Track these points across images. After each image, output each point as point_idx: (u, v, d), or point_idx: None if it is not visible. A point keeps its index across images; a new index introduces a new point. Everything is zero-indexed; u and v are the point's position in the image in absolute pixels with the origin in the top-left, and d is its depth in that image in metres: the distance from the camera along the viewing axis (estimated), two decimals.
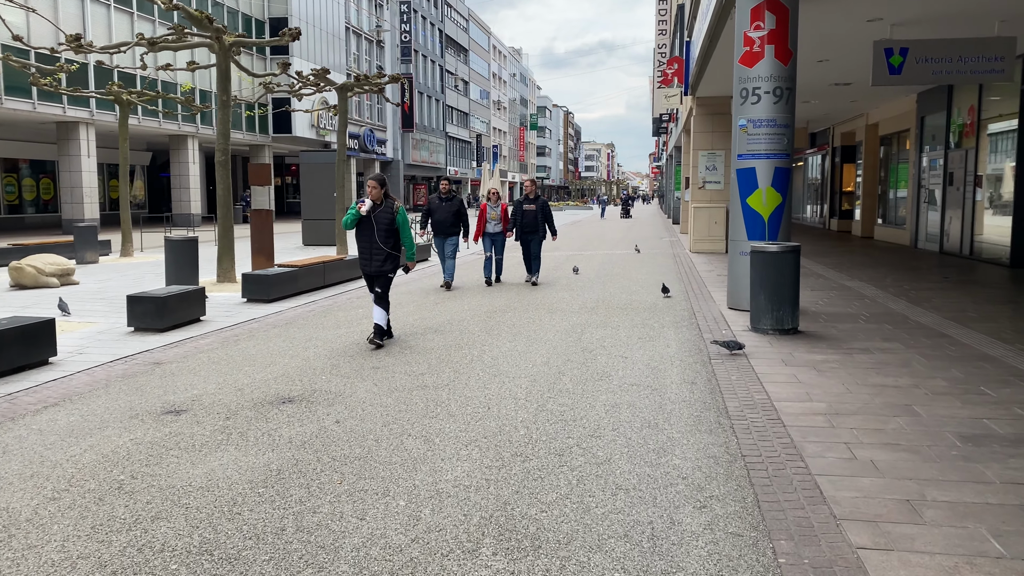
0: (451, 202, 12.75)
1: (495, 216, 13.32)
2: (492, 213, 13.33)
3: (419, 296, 11.67)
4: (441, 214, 12.70)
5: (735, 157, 9.93)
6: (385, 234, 8.20)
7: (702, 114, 20.15)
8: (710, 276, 14.18)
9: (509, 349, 7.78)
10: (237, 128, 39.84)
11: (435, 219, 12.79)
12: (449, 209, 12.69)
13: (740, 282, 9.93)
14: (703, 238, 19.98)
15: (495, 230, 13.35)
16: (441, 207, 12.75)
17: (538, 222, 13.26)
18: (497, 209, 13.38)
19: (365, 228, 8.20)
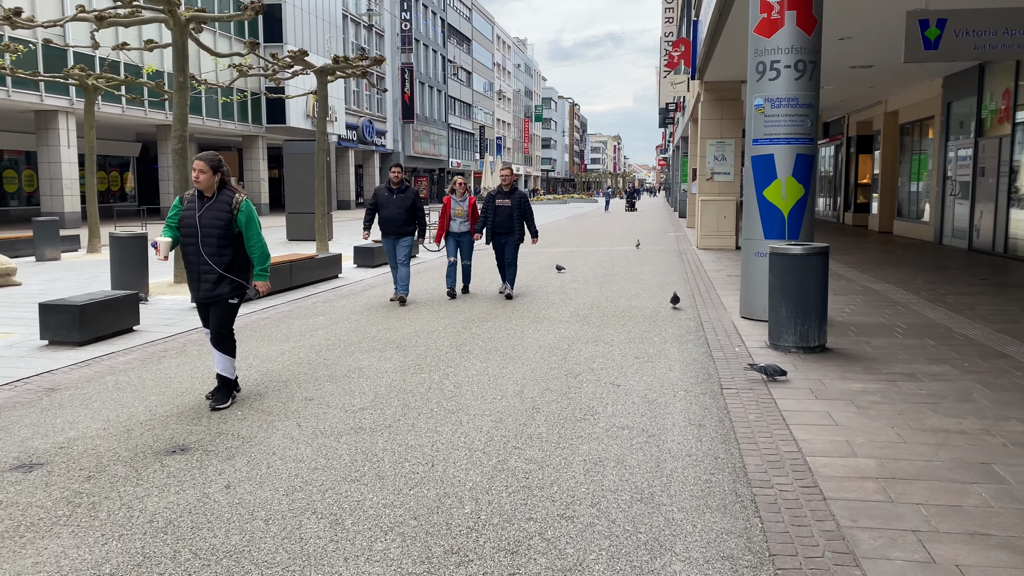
0: (403, 194, 10.32)
1: (461, 212, 10.92)
2: (457, 209, 10.94)
3: (365, 314, 10.33)
4: (390, 209, 10.31)
5: (749, 142, 8.57)
6: (216, 243, 5.47)
7: (710, 100, 18.76)
8: (719, 277, 12.81)
9: (479, 372, 6.45)
10: (229, 118, 38.56)
11: (383, 215, 10.39)
12: (401, 203, 10.30)
13: (755, 287, 8.58)
14: (711, 234, 18.61)
15: (461, 229, 10.97)
16: (391, 201, 10.35)
17: (514, 220, 10.77)
18: (464, 204, 10.94)
19: (188, 233, 5.54)
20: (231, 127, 38.89)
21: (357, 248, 15.48)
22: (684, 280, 12.60)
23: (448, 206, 10.96)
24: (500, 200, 10.88)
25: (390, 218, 10.35)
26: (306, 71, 16.65)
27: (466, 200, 11.00)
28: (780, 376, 5.88)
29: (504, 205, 10.84)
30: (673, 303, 9.80)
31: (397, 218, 10.30)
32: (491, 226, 10.87)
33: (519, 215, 10.80)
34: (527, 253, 17.99)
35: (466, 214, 10.97)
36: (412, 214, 10.37)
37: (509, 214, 10.79)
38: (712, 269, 13.99)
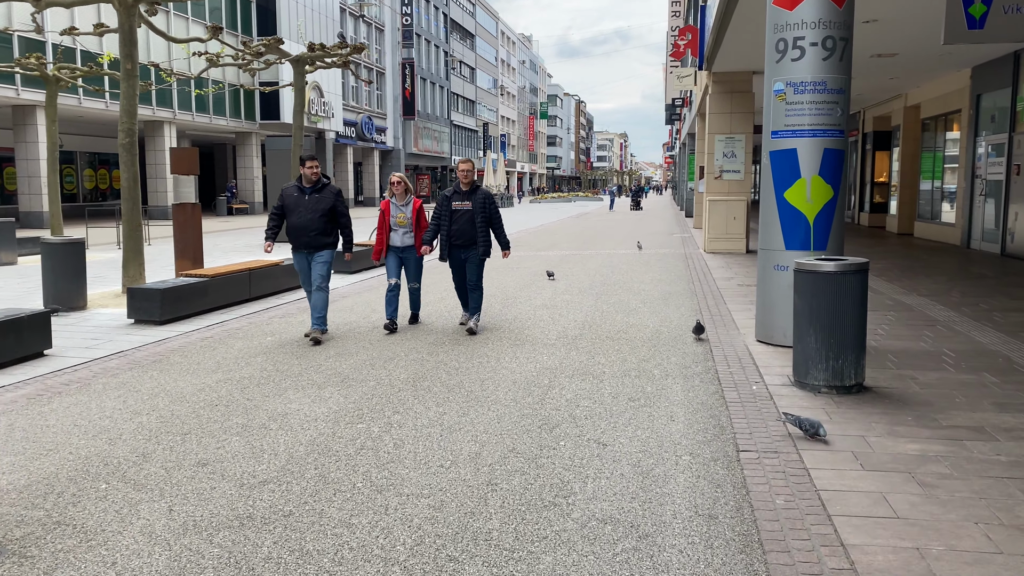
0: (320, 195, 7.89)
1: (403, 221, 8.40)
2: (398, 216, 8.41)
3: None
4: (301, 215, 7.82)
5: (767, 135, 7.25)
6: None
7: (719, 92, 17.41)
8: (729, 287, 11.48)
9: (431, 421, 5.15)
10: (221, 114, 37.34)
11: (292, 223, 7.88)
12: (315, 206, 7.84)
13: (774, 306, 7.25)
14: (719, 236, 17.26)
15: (404, 242, 8.46)
16: (301, 203, 7.86)
17: (476, 229, 8.22)
18: (407, 209, 8.43)
19: None
20: (223, 123, 37.66)
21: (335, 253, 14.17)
22: (690, 291, 11.27)
23: (386, 213, 8.50)
24: (458, 202, 8.29)
25: (301, 226, 7.86)
26: (280, 60, 15.37)
27: (409, 204, 8.47)
28: (815, 434, 4.57)
29: (463, 209, 8.26)
30: (697, 334, 7.73)
31: (310, 226, 7.84)
32: (446, 236, 8.33)
33: (483, 221, 8.25)
34: (517, 259, 16.67)
35: (410, 223, 8.45)
36: (331, 220, 7.98)
37: (470, 220, 8.24)
38: (721, 277, 12.66)
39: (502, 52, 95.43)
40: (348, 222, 8.21)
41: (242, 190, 40.69)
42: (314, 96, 42.86)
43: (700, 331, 7.65)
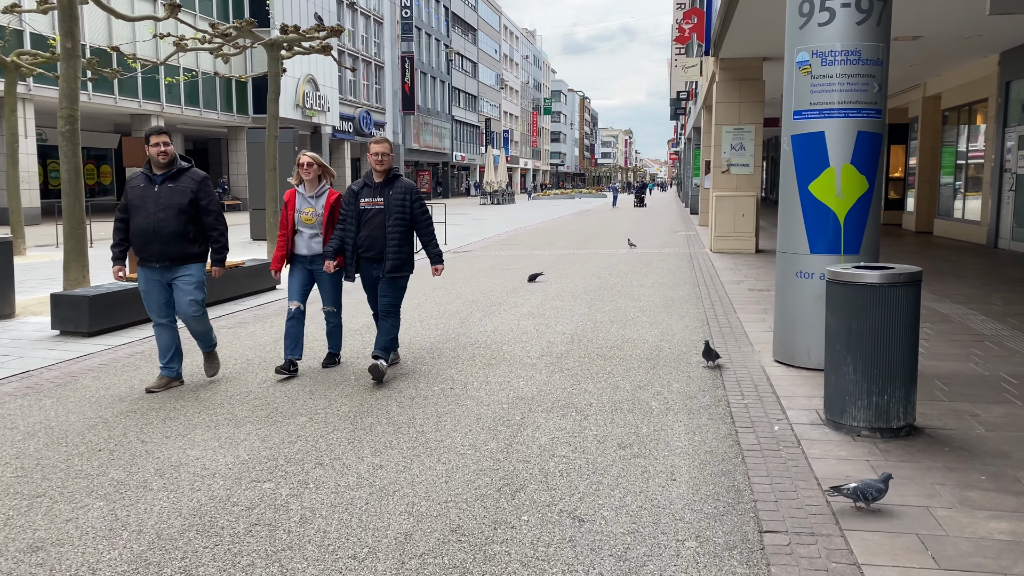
0: (175, 184, 5.63)
1: (311, 219, 6.17)
2: (305, 212, 6.18)
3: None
4: (147, 215, 5.61)
5: (788, 116, 6.07)
6: None
7: (726, 80, 16.20)
8: (739, 292, 10.29)
9: (357, 481, 3.98)
10: (211, 108, 36.22)
11: (135, 226, 5.67)
12: (168, 200, 5.60)
13: (796, 320, 6.07)
14: (727, 234, 16.07)
15: (314, 250, 6.20)
16: (149, 198, 5.61)
17: (387, 235, 5.96)
18: (319, 203, 6.23)
19: None
20: (213, 117, 36.54)
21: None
22: (695, 296, 10.08)
23: (290, 206, 6.22)
24: (368, 199, 6.02)
25: (147, 230, 5.58)
26: (253, 44, 14.20)
27: (323, 197, 6.27)
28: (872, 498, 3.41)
29: (373, 208, 5.98)
30: (708, 359, 6.21)
31: (161, 228, 5.55)
32: (353, 245, 6.03)
33: (400, 225, 5.95)
34: (509, 259, 15.50)
35: (320, 222, 6.21)
36: (191, 221, 5.68)
37: (382, 224, 5.95)
38: (730, 280, 11.47)
39: (505, 47, 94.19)
40: (218, 221, 5.79)
41: (234, 186, 39.58)
42: (309, 89, 41.74)
43: (711, 356, 6.23)
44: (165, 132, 5.67)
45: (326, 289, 6.35)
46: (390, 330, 6.05)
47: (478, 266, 14.01)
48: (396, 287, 6.09)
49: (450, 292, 10.71)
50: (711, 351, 6.20)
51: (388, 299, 6.09)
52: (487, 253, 16.59)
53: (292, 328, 6.20)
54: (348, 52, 50.50)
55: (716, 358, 6.18)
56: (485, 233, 22.81)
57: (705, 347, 6.25)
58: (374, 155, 6.02)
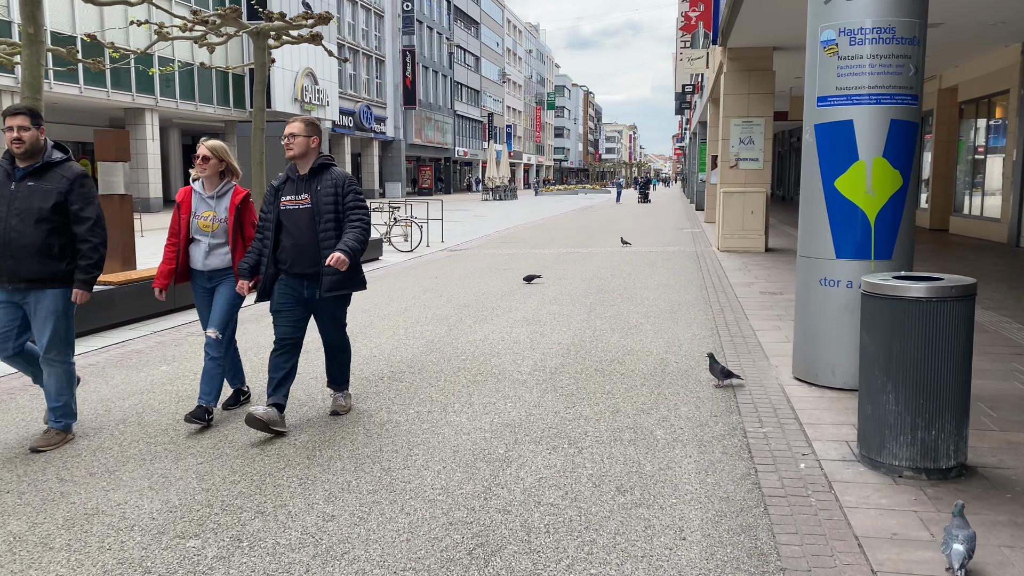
0: (38, 184, 4.34)
1: (210, 224, 4.88)
2: (202, 217, 4.89)
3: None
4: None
5: (811, 103, 5.38)
6: None
7: (735, 71, 15.49)
8: (750, 295, 9.60)
9: (299, 539, 3.32)
10: (207, 101, 35.56)
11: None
12: (27, 202, 4.30)
13: (820, 335, 5.38)
14: (735, 232, 15.37)
15: (211, 264, 4.91)
16: (3, 200, 4.34)
17: (318, 241, 4.62)
18: (220, 204, 4.91)
19: None
20: (209, 111, 35.87)
21: None
22: (703, 300, 9.40)
23: (183, 208, 4.90)
24: (290, 197, 4.66)
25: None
26: (238, 32, 13.52)
27: (226, 196, 4.89)
28: None
29: (298, 208, 4.63)
30: (719, 377, 5.46)
31: (15, 241, 4.27)
32: (272, 257, 4.69)
33: (336, 227, 4.64)
34: (507, 258, 14.82)
35: (224, 228, 4.87)
36: (58, 232, 4.36)
37: (310, 226, 4.61)
38: (740, 282, 10.77)
39: (508, 41, 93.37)
40: (92, 233, 4.39)
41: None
42: (308, 83, 41.07)
43: (724, 375, 5.49)
44: (25, 112, 4.28)
45: (217, 306, 4.83)
46: (345, 362, 5.03)
47: (474, 266, 13.34)
48: (338, 309, 4.84)
49: (441, 295, 10.04)
50: (723, 369, 5.50)
51: (333, 327, 4.86)
52: (485, 252, 15.93)
53: (211, 367, 4.79)
54: (348, 45, 49.80)
55: (728, 376, 5.49)
56: (484, 230, 22.13)
57: (711, 361, 5.56)
58: (288, 138, 4.59)
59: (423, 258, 14.80)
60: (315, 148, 4.68)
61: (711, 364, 5.55)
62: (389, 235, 16.43)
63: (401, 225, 16.86)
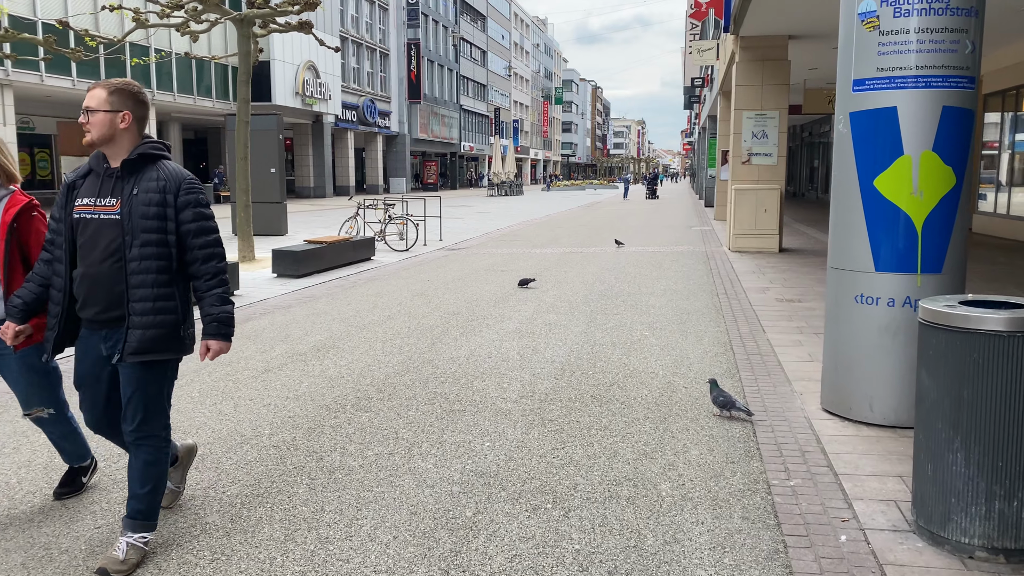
0: None
1: None
2: None
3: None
4: None
5: (845, 87, 4.56)
6: None
7: (748, 60, 14.63)
8: (766, 302, 8.78)
9: None
10: (206, 95, 34.84)
11: None
12: None
13: (855, 361, 4.56)
14: (747, 231, 14.53)
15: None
16: None
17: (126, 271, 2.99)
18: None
19: None
20: (208, 105, 35.15)
21: (278, 252, 11.61)
22: (714, 308, 8.58)
23: None
24: (89, 201, 3.06)
25: None
26: (221, 19, 12.73)
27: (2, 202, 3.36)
28: None
29: (99, 218, 3.03)
30: (723, 408, 4.73)
31: None
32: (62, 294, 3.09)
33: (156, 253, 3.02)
34: (506, 258, 14.01)
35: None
36: None
37: (113, 251, 3.00)
38: (754, 287, 9.95)
39: (515, 35, 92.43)
40: None
41: (230, 177, 38.19)
42: (309, 76, 40.32)
43: (727, 405, 4.70)
44: None
45: (17, 380, 3.44)
46: (148, 472, 3.07)
47: (470, 267, 12.54)
48: (150, 381, 3.06)
49: (430, 300, 9.25)
50: (726, 401, 4.69)
51: (135, 408, 3.04)
52: (484, 251, 15.14)
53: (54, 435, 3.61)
54: (351, 38, 49.03)
55: (730, 408, 4.69)
56: (486, 228, 21.33)
57: (712, 389, 4.77)
58: (86, 113, 3.02)
59: (418, 258, 14.02)
60: (127, 129, 3.03)
61: (713, 392, 4.75)
62: (384, 233, 15.65)
63: (396, 223, 16.08)
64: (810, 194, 40.39)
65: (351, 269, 12.47)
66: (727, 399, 4.72)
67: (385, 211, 15.84)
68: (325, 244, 12.32)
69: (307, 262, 11.68)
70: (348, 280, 11.25)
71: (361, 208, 16.16)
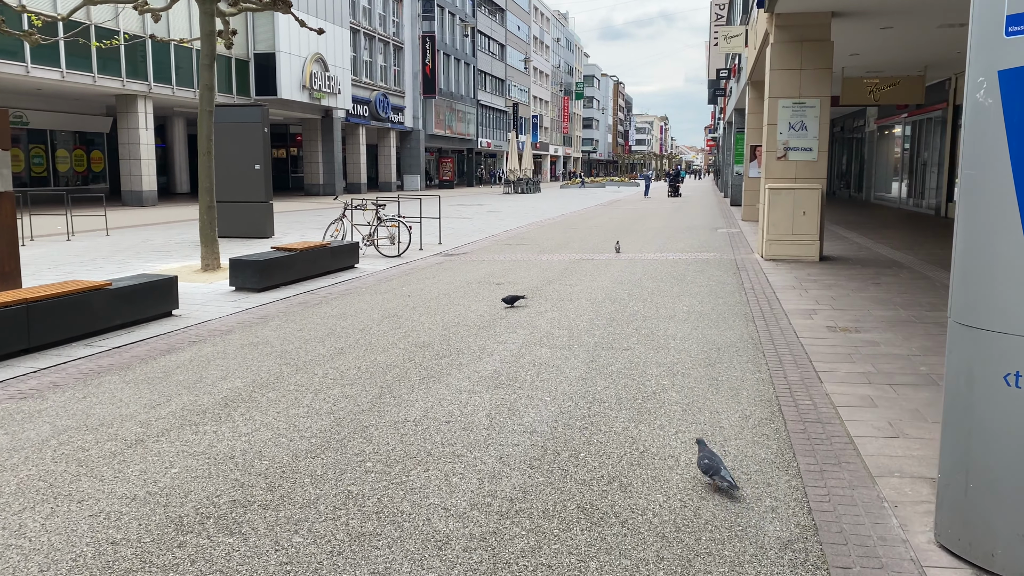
0: None
1: None
2: None
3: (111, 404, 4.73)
4: None
5: (985, 36, 2.76)
6: None
7: (784, 41, 12.79)
8: (815, 332, 6.99)
9: None
10: None
11: None
12: None
13: (1000, 478, 2.78)
14: (783, 237, 12.70)
15: None
16: None
17: None
18: None
19: None
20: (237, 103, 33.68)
21: (236, 261, 9.96)
22: (751, 340, 6.80)
23: None
24: None
25: None
26: None
27: None
28: None
29: None
30: (705, 472, 3.60)
31: None
32: None
33: None
34: (508, 266, 12.26)
35: None
36: None
37: None
38: (797, 309, 8.15)
39: (535, 28, 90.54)
40: None
41: None
42: (317, 69, 38.78)
43: (709, 471, 3.50)
44: None
45: None
46: None
47: (462, 278, 10.83)
48: None
49: (400, 325, 7.56)
50: (712, 462, 3.39)
51: None
52: (484, 257, 13.43)
53: None
54: (363, 31, 47.46)
55: (714, 475, 3.29)
56: (493, 229, 19.60)
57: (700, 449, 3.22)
58: None
59: (409, 265, 12.34)
60: None
61: (700, 453, 3.20)
62: (373, 238, 13.99)
63: (387, 226, 14.40)
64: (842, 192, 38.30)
65: (328, 280, 10.82)
66: (712, 463, 3.45)
67: (375, 212, 14.16)
68: (295, 251, 10.67)
69: (271, 273, 10.03)
70: (317, 295, 9.59)
71: (348, 209, 14.49)
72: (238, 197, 16.93)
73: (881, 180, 30.20)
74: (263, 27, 35.82)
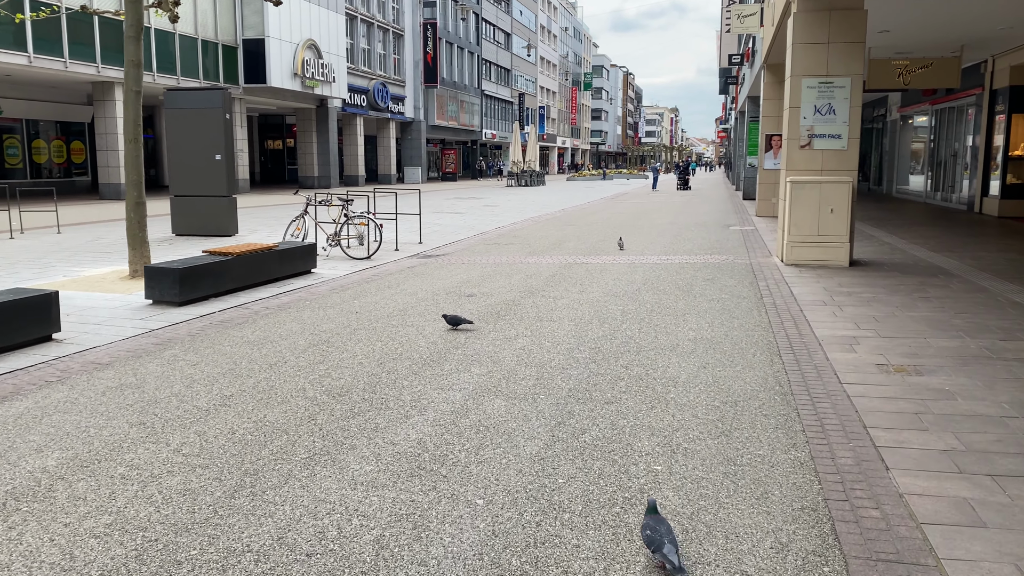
0: None
1: None
2: None
3: None
4: None
5: None
6: None
7: (809, 11, 10.98)
8: (862, 373, 5.24)
9: None
10: (192, 76, 31.70)
11: None
12: None
13: None
14: (807, 239, 10.93)
15: None
16: None
17: None
18: None
19: None
20: (194, 85, 31.98)
21: (152, 270, 8.27)
22: (778, 388, 5.07)
23: None
24: None
25: None
26: None
27: None
28: None
29: None
30: (647, 544, 2.62)
31: None
32: None
33: None
34: (491, 269, 10.52)
35: None
36: None
37: None
38: (833, 338, 6.40)
39: (542, 17, 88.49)
40: None
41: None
42: (310, 56, 37.04)
43: (651, 545, 2.56)
44: None
45: None
46: None
47: (429, 287, 9.13)
48: None
49: (325, 359, 5.86)
50: (656, 537, 2.51)
51: None
52: (464, 259, 11.72)
53: None
54: (361, 17, 45.70)
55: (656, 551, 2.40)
56: (485, 225, 17.88)
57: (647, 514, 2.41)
58: None
59: (376, 270, 10.66)
60: None
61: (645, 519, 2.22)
62: (338, 237, 12.30)
63: (355, 224, 12.71)
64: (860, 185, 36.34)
65: (275, 288, 9.16)
66: (655, 536, 2.70)
67: (341, 209, 12.45)
68: (230, 256, 8.99)
69: (195, 283, 8.34)
70: (250, 309, 7.92)
71: (311, 204, 12.80)
72: (198, 191, 15.28)
73: (903, 172, 28.29)
74: (252, 11, 34.13)
